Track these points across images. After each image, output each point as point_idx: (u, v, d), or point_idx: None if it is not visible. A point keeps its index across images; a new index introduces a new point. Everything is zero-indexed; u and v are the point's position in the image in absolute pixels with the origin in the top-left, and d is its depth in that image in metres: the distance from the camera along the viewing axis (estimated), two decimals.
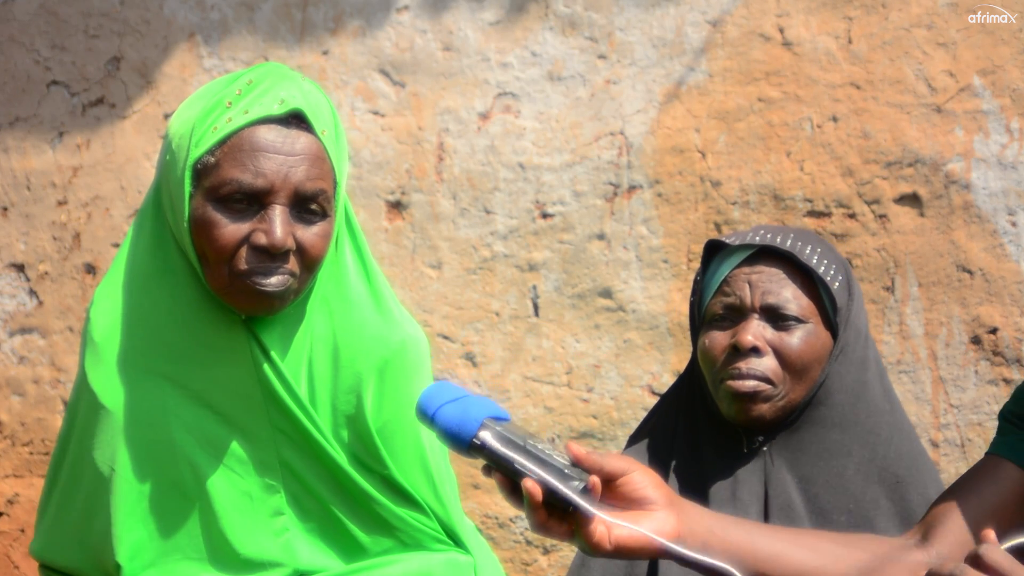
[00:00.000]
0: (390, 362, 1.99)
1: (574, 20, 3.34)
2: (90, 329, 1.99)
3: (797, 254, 2.18)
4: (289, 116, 1.88)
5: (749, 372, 2.15)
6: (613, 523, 1.55)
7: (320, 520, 1.98)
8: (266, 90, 1.88)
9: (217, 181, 1.86)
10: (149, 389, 1.95)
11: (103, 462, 1.95)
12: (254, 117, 1.86)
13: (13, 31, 3.76)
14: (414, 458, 2.01)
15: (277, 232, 1.84)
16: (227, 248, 1.86)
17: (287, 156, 1.86)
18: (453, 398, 1.57)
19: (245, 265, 1.86)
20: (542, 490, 1.52)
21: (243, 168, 1.85)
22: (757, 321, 2.18)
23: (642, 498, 1.58)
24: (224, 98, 1.88)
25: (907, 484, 2.18)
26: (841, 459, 2.18)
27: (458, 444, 1.57)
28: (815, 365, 2.18)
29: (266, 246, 1.84)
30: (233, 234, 1.85)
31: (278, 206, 1.85)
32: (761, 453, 2.20)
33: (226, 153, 1.86)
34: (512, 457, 1.54)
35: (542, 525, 1.55)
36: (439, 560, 2.00)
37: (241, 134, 1.86)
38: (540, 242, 3.36)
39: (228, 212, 1.86)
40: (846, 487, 2.17)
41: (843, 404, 2.20)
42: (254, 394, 1.94)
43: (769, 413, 2.17)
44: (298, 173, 1.86)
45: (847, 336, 2.20)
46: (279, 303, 1.89)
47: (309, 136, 1.89)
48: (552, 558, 3.36)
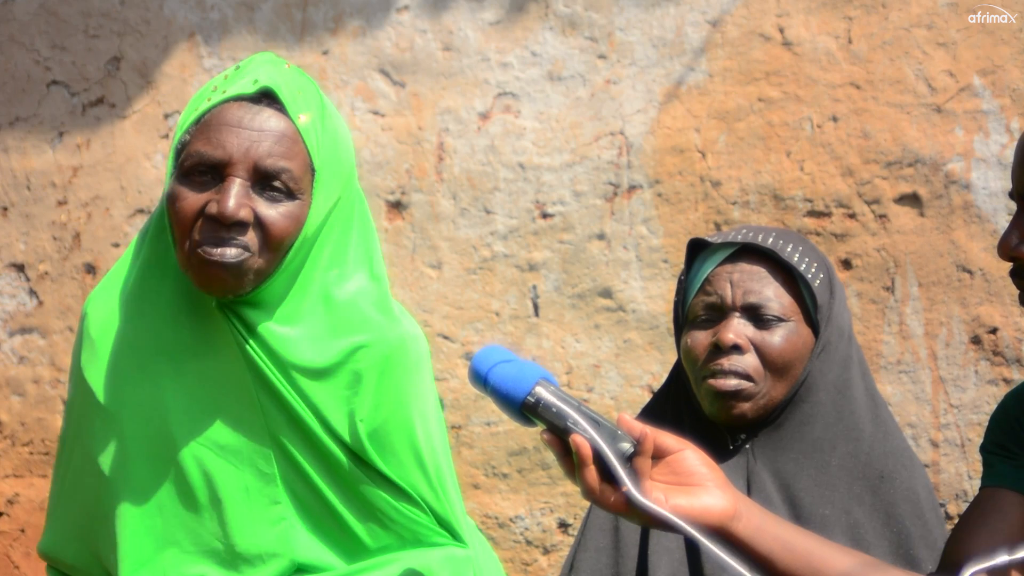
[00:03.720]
0: (389, 359, 1.99)
1: (574, 20, 3.34)
2: (86, 325, 1.99)
3: (778, 252, 2.18)
4: (260, 95, 1.89)
5: (731, 369, 2.16)
6: (670, 494, 1.56)
7: (317, 508, 1.98)
8: (246, 73, 1.91)
9: (185, 156, 1.88)
10: (144, 384, 1.96)
11: (100, 458, 1.96)
12: (228, 96, 1.88)
13: (13, 31, 3.76)
14: (411, 455, 2.01)
15: (228, 203, 1.83)
16: (186, 220, 1.86)
17: (251, 131, 1.87)
18: (506, 359, 1.61)
19: (198, 235, 1.85)
20: (592, 451, 1.53)
21: (207, 141, 1.86)
22: (738, 319, 2.18)
23: (697, 474, 1.59)
24: (211, 84, 1.92)
25: (891, 480, 2.18)
26: (823, 456, 2.18)
27: (511, 402, 1.59)
28: (796, 363, 2.18)
29: (215, 215, 1.84)
30: (192, 205, 1.86)
31: (236, 179, 1.85)
32: (743, 451, 2.20)
33: (198, 130, 1.88)
34: (567, 413, 1.55)
35: (593, 489, 1.56)
36: (437, 556, 2.00)
37: (213, 111, 1.88)
38: (540, 242, 3.36)
39: (190, 185, 1.87)
40: (828, 484, 2.17)
41: (825, 402, 2.20)
42: (246, 383, 1.94)
43: (751, 411, 2.17)
44: (260, 148, 1.86)
45: (828, 334, 2.21)
46: (233, 279, 1.87)
47: (279, 116, 1.90)
48: (552, 558, 3.36)
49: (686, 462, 1.60)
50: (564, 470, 1.59)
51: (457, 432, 3.43)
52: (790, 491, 2.17)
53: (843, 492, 2.16)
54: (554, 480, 3.37)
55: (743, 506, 1.61)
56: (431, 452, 2.04)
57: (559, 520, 3.37)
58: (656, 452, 1.58)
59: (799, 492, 2.17)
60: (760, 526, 1.61)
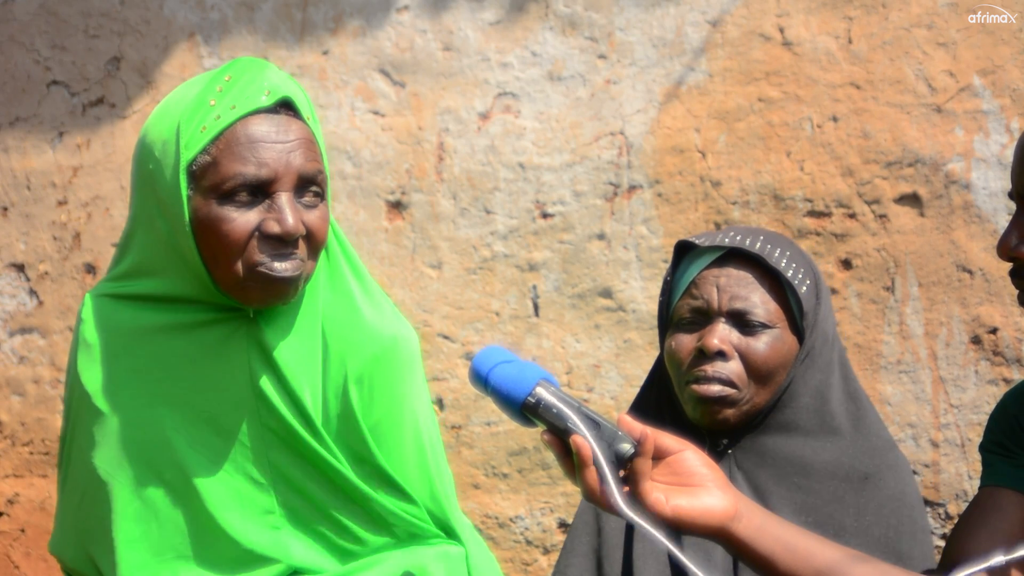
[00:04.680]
0: (381, 359, 2.00)
1: (574, 20, 3.34)
2: (83, 330, 1.99)
3: (766, 257, 2.18)
4: (277, 105, 1.89)
5: (715, 375, 2.15)
6: (671, 494, 1.56)
7: (312, 517, 1.98)
8: (248, 83, 1.89)
9: (219, 178, 1.86)
10: (140, 390, 1.96)
11: (96, 462, 1.96)
12: (244, 111, 1.87)
13: (13, 31, 3.76)
14: (406, 454, 2.01)
15: (289, 219, 1.85)
16: (239, 242, 1.86)
17: (284, 143, 1.87)
18: (507, 359, 1.61)
19: (259, 255, 1.86)
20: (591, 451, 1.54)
21: (244, 161, 1.85)
22: (723, 325, 2.17)
23: (698, 475, 1.59)
24: (205, 98, 1.89)
25: (875, 480, 2.18)
26: (806, 462, 2.18)
27: (511, 402, 1.60)
28: (780, 370, 2.18)
29: (280, 234, 1.86)
30: (243, 227, 1.86)
31: (284, 193, 1.87)
32: (726, 456, 2.20)
33: (222, 149, 1.86)
34: (567, 414, 1.56)
35: (593, 490, 1.56)
36: (431, 553, 2.01)
37: (234, 128, 1.86)
38: (540, 242, 3.36)
39: (234, 206, 1.86)
40: (811, 489, 2.17)
41: (807, 407, 2.20)
42: (244, 393, 1.95)
43: (734, 417, 2.17)
44: (297, 158, 1.88)
45: (813, 340, 2.20)
46: (293, 290, 1.90)
47: (299, 122, 1.91)
48: (552, 558, 3.36)
49: (686, 463, 1.60)
50: (564, 470, 1.60)
51: (457, 432, 3.43)
52: (772, 496, 2.17)
53: (826, 495, 2.16)
54: (554, 480, 3.37)
55: (744, 506, 1.60)
56: (427, 449, 2.04)
57: (559, 520, 3.37)
58: (657, 453, 1.58)
59: (781, 497, 2.17)
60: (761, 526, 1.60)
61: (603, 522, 2.22)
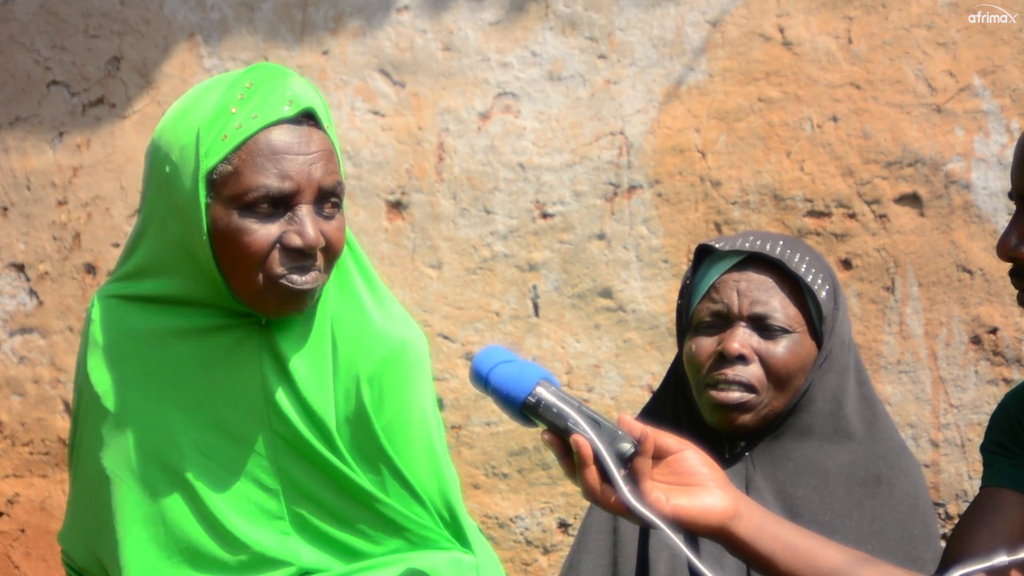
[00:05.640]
0: (390, 361, 1.99)
1: (574, 20, 3.34)
2: (92, 331, 1.99)
3: (786, 262, 2.19)
4: (300, 116, 1.88)
5: (735, 379, 2.16)
6: (671, 494, 1.57)
7: (321, 522, 1.98)
8: (269, 91, 1.88)
9: (240, 188, 1.85)
10: (150, 393, 1.95)
11: (106, 463, 1.96)
12: (267, 121, 1.86)
13: (13, 31, 3.76)
14: (416, 455, 2.01)
15: (310, 232, 1.86)
16: (260, 253, 1.86)
17: (306, 155, 1.87)
18: (507, 359, 1.62)
19: (280, 268, 1.87)
20: (592, 451, 1.55)
21: (266, 173, 1.85)
22: (744, 329, 2.18)
23: (698, 474, 1.60)
24: (226, 105, 1.87)
25: (889, 483, 2.18)
26: (822, 466, 2.19)
27: (512, 402, 1.60)
28: (799, 374, 2.19)
29: (301, 247, 1.86)
30: (265, 238, 1.86)
31: (305, 205, 1.87)
32: (743, 459, 2.21)
33: (244, 159, 1.85)
34: (568, 413, 1.56)
35: (593, 490, 1.56)
36: (444, 559, 2.00)
37: (256, 138, 1.85)
38: (540, 242, 3.36)
39: (255, 217, 1.86)
40: (827, 491, 2.18)
41: (824, 411, 2.21)
42: (255, 399, 1.94)
43: (752, 422, 2.18)
44: (318, 170, 1.88)
45: (831, 345, 2.21)
46: (310, 301, 1.91)
47: (320, 133, 1.90)
48: (552, 558, 3.36)
49: (687, 462, 1.60)
50: (565, 470, 1.60)
51: (457, 432, 3.43)
52: (789, 499, 2.17)
53: (842, 498, 2.17)
54: (554, 480, 3.37)
55: (744, 506, 1.60)
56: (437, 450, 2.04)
57: (559, 520, 3.37)
58: (657, 452, 1.58)
59: (798, 500, 2.17)
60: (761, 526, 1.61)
61: (619, 520, 2.22)
